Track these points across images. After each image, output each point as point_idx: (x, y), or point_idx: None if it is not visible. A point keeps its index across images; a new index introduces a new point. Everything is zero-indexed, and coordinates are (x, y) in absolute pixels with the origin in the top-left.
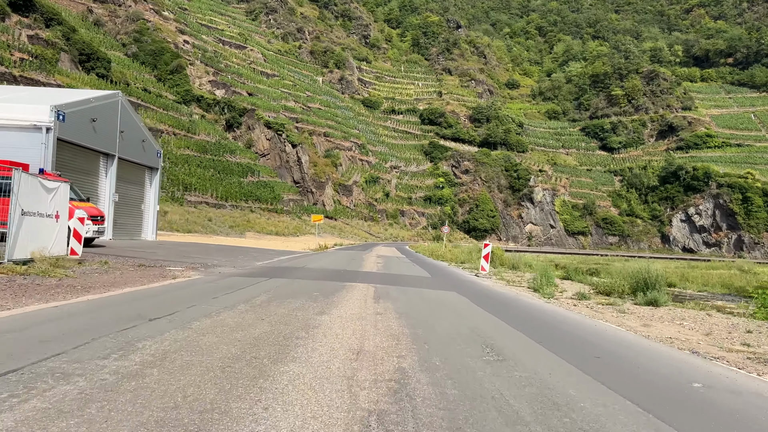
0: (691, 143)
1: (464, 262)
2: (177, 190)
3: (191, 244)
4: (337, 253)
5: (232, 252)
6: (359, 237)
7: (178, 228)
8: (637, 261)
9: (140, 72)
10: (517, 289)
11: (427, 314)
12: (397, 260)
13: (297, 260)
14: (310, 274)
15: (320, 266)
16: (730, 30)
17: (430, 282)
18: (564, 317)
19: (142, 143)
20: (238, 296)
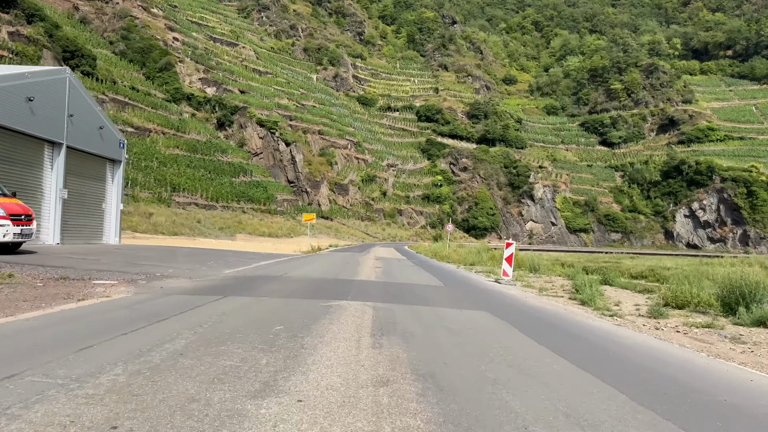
0: (693, 137)
1: (474, 264)
2: (164, 190)
3: (159, 248)
4: (330, 256)
5: (203, 257)
6: (356, 237)
7: (163, 230)
8: (649, 258)
9: (128, 70)
10: (557, 302)
11: (467, 370)
12: (399, 263)
13: (279, 266)
14: (287, 287)
15: (304, 274)
16: (728, 22)
17: (446, 294)
18: (673, 357)
19: (100, 131)
20: (143, 339)
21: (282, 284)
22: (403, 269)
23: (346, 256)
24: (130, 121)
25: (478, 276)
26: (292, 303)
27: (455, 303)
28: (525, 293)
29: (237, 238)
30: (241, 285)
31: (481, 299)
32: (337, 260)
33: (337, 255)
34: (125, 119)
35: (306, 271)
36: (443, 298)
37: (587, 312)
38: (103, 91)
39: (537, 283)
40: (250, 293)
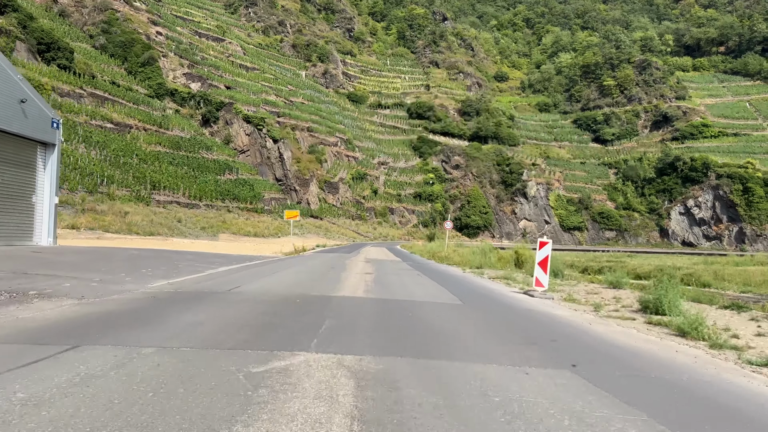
0: (687, 133)
1: (481, 267)
2: (143, 188)
3: (97, 251)
4: (313, 259)
5: (149, 261)
6: (346, 237)
7: (138, 231)
8: (649, 257)
9: (109, 65)
10: (640, 331)
11: None
12: (393, 267)
13: (240, 274)
14: (218, 318)
15: (264, 288)
16: (721, 18)
17: (473, 322)
18: None
19: (21, 104)
20: None
21: (216, 310)
22: (400, 275)
23: (332, 258)
24: (109, 116)
25: (497, 285)
26: (191, 368)
27: (498, 342)
28: (580, 314)
29: (220, 238)
30: (145, 313)
31: (531, 331)
32: (319, 264)
33: (321, 257)
34: (104, 115)
35: (269, 283)
36: (472, 331)
37: (722, 358)
38: (81, 86)
39: (576, 293)
40: (139, 335)
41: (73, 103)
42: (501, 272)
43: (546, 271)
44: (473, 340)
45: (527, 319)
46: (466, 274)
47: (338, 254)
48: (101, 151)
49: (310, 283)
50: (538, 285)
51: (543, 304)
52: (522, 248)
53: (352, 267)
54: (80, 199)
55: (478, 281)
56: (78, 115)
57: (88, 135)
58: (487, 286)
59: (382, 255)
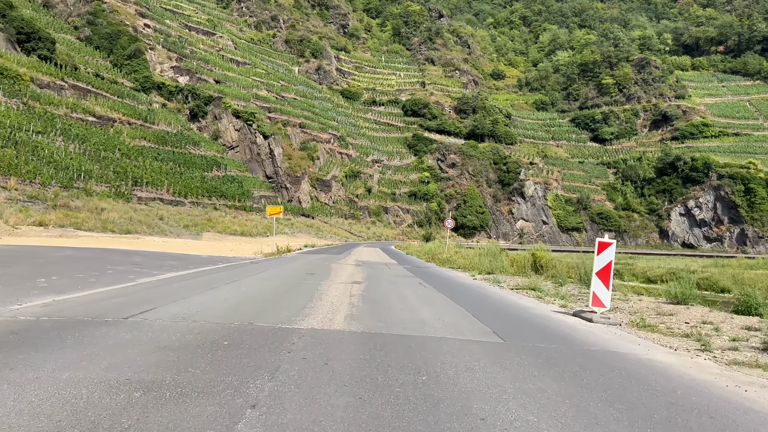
0: (687, 133)
1: (492, 273)
2: (124, 184)
3: (21, 251)
4: (292, 262)
5: (76, 264)
6: (339, 236)
7: (114, 228)
8: (653, 259)
9: (93, 57)
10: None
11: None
12: (389, 273)
13: (175, 285)
14: None
15: (187, 313)
16: (720, 17)
17: (550, 401)
18: None
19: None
20: None
21: (32, 378)
22: (397, 285)
23: (316, 260)
24: (91, 109)
25: (527, 299)
26: None
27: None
28: (690, 360)
29: (203, 237)
30: None
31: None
32: (297, 269)
33: (305, 259)
34: (86, 107)
35: (207, 301)
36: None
37: None
38: (62, 77)
39: (642, 313)
40: None
41: (53, 94)
42: (520, 279)
43: (608, 285)
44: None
45: (625, 377)
46: (479, 282)
47: (326, 255)
48: (80, 144)
49: (270, 302)
50: (596, 304)
51: (618, 337)
52: (540, 250)
53: (337, 273)
54: (53, 194)
55: (500, 294)
56: (58, 108)
57: (67, 128)
58: (516, 303)
59: (376, 257)
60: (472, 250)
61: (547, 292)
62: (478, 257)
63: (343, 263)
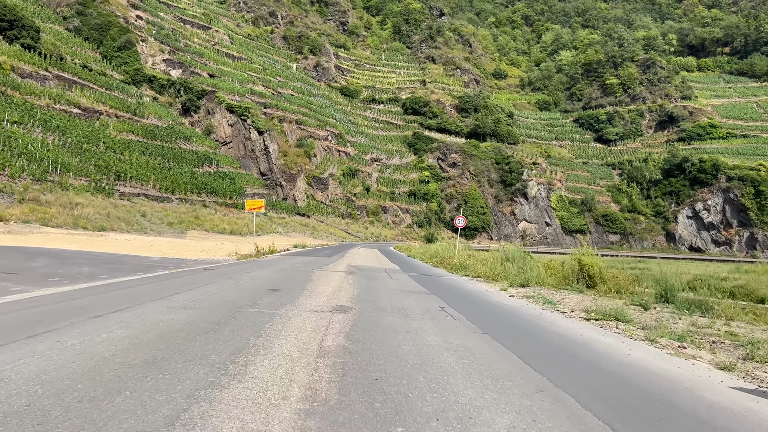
0: (694, 134)
1: (526, 284)
2: (105, 178)
3: None
4: (263, 268)
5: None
6: (335, 236)
7: (86, 225)
8: (665, 263)
9: (82, 48)
10: None
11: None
12: (392, 286)
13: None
14: None
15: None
16: (726, 18)
17: None
18: None
19: None
20: None
21: None
22: (410, 318)
23: (297, 265)
24: (76, 101)
25: (645, 349)
26: None
27: None
28: None
29: (187, 235)
30: None
31: None
32: (259, 281)
33: (283, 263)
34: (70, 99)
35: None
36: None
37: None
38: (46, 67)
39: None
40: None
41: (36, 85)
42: (574, 297)
43: None
44: None
45: None
46: (523, 303)
47: (313, 258)
48: (61, 136)
49: (139, 373)
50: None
51: None
52: (587, 254)
53: (316, 288)
54: (22, 187)
55: (579, 334)
56: (39, 98)
57: (47, 119)
58: (636, 363)
59: (373, 260)
60: (489, 254)
61: (644, 325)
62: (500, 263)
63: (331, 270)
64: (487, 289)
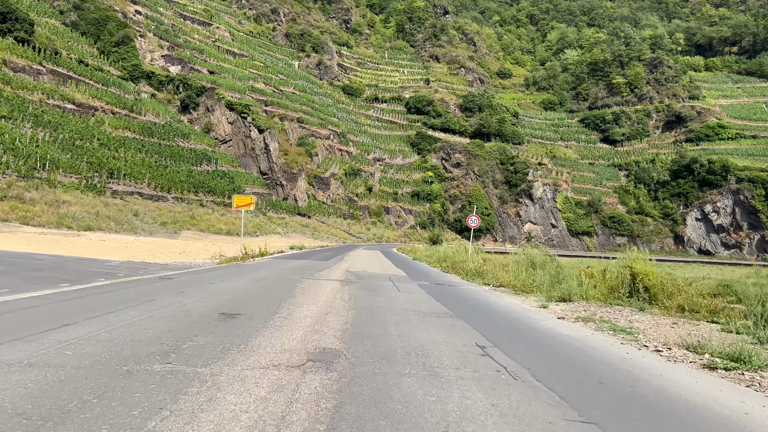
0: (702, 134)
1: (568, 298)
2: (97, 176)
3: None
4: (240, 276)
5: None
6: (337, 237)
7: (71, 224)
8: (679, 267)
9: (79, 43)
10: None
11: None
12: (402, 303)
13: None
14: None
15: None
16: (734, 17)
17: None
18: None
19: None
20: None
21: None
22: (441, 375)
23: (284, 272)
24: (71, 96)
25: None
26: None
27: None
28: None
29: (180, 235)
30: None
31: None
32: (228, 294)
33: (268, 269)
34: (65, 94)
35: None
36: None
37: None
38: (40, 62)
39: None
40: None
41: (29, 79)
42: (647, 320)
43: None
44: None
45: None
46: (585, 331)
47: (307, 262)
48: (53, 132)
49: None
50: None
51: None
52: (639, 260)
53: (298, 307)
54: (6, 184)
55: (730, 403)
56: (32, 93)
57: (39, 114)
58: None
59: (376, 264)
60: (506, 257)
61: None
62: (524, 270)
63: (324, 278)
64: (521, 306)
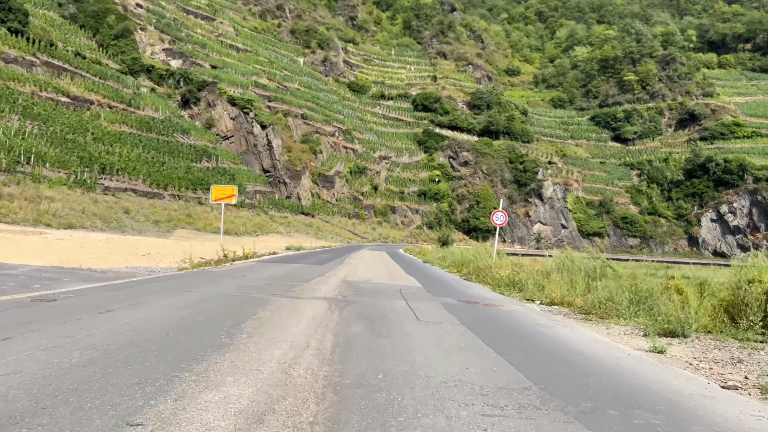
0: (717, 133)
1: (683, 332)
2: (87, 170)
3: None
4: (174, 296)
5: None
6: (341, 237)
7: (50, 221)
8: (697, 269)
9: (77, 35)
10: None
11: None
12: (433, 355)
13: None
14: None
15: None
16: (748, 13)
17: None
18: None
19: None
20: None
21: None
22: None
23: (260, 283)
24: (65, 89)
25: None
26: None
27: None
28: None
29: (174, 234)
30: None
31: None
32: (104, 345)
33: (239, 280)
34: (59, 87)
35: None
36: None
37: None
38: (34, 53)
39: None
40: None
41: (21, 70)
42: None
43: None
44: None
45: None
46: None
47: (296, 267)
48: (43, 125)
49: None
50: None
51: None
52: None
53: (205, 394)
54: None
55: None
56: (23, 85)
57: (28, 106)
58: None
59: (381, 269)
60: (546, 263)
61: None
62: (581, 281)
63: (306, 296)
64: (623, 350)
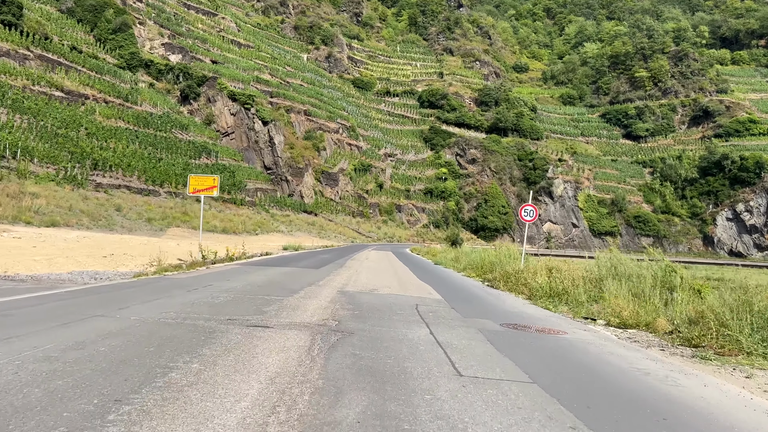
0: (732, 130)
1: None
2: (78, 166)
3: None
4: (43, 335)
5: None
6: (345, 236)
7: (31, 219)
8: (716, 270)
9: (74, 29)
10: None
11: None
12: None
13: None
14: None
15: None
16: (761, 9)
17: None
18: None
19: None
20: None
21: None
22: None
23: (224, 297)
24: (59, 83)
25: None
26: None
27: None
28: None
29: (167, 233)
30: None
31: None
32: None
33: (189, 295)
34: (53, 80)
35: None
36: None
37: None
38: (27, 46)
39: None
40: None
41: (12, 64)
42: None
43: None
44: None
45: None
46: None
47: (286, 272)
48: (33, 119)
49: None
50: None
51: None
52: None
53: None
54: None
55: None
56: (15, 78)
57: (18, 100)
58: None
59: (388, 273)
60: (588, 265)
61: None
62: (651, 292)
63: (283, 320)
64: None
